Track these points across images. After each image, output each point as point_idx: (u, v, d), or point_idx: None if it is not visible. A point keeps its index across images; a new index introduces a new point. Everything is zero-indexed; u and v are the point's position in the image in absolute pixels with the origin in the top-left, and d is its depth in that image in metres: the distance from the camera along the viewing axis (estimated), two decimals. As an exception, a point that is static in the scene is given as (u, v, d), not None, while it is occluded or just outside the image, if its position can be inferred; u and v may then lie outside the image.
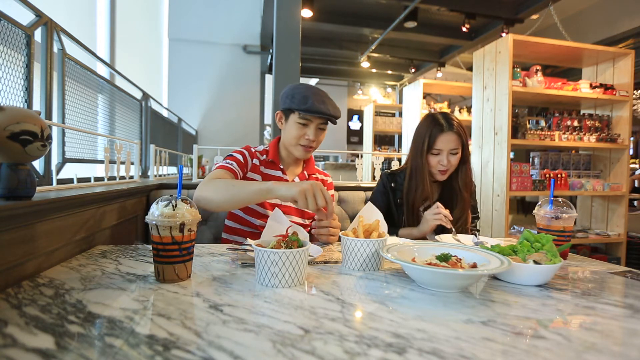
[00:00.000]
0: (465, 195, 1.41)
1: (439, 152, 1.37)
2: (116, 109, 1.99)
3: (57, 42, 1.21)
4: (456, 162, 1.38)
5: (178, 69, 6.14)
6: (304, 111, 1.19)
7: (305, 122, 1.23)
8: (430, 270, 0.69)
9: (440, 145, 1.36)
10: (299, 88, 1.24)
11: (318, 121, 1.24)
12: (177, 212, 0.71)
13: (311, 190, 0.94)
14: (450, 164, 1.37)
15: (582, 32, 5.30)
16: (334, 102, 1.26)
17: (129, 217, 1.36)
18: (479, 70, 3.09)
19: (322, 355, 0.45)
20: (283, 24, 2.76)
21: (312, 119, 1.22)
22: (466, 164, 1.42)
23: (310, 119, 1.22)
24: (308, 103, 1.19)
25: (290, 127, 1.25)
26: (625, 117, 3.06)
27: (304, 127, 1.24)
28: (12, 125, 0.69)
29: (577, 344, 0.51)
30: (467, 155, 1.40)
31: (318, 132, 1.26)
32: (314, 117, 1.22)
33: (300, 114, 1.21)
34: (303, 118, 1.22)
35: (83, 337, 0.48)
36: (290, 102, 1.22)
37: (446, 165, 1.36)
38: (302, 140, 1.25)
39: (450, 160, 1.36)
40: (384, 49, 6.13)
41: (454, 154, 1.37)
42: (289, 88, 1.26)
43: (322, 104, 1.20)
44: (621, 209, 3.08)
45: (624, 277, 0.87)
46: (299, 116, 1.22)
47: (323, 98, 1.22)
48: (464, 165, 1.41)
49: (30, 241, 0.75)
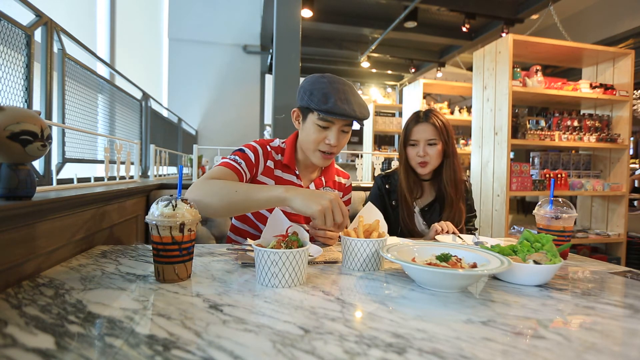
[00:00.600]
0: (450, 191, 1.39)
1: (415, 143, 1.38)
2: (116, 109, 1.99)
3: (57, 42, 1.21)
4: (435, 154, 1.37)
5: (178, 69, 6.14)
6: (324, 112, 1.02)
7: (326, 124, 1.06)
8: (430, 270, 0.69)
9: (416, 136, 1.38)
10: (319, 83, 1.06)
11: (341, 123, 1.07)
12: (177, 212, 0.71)
13: (330, 208, 0.84)
14: (428, 155, 1.36)
15: (582, 32, 5.29)
16: (360, 99, 1.08)
17: (129, 217, 1.36)
18: (479, 70, 3.09)
19: (322, 355, 0.45)
20: (283, 24, 2.76)
21: (335, 121, 1.06)
22: (450, 159, 1.40)
23: (332, 120, 1.05)
24: (329, 102, 1.02)
25: (308, 128, 1.09)
26: (625, 117, 3.06)
27: (325, 130, 1.07)
28: (12, 125, 0.69)
29: (577, 344, 0.51)
30: (450, 151, 1.39)
31: (341, 135, 1.09)
32: (336, 119, 1.05)
33: (320, 114, 1.04)
34: (323, 120, 1.05)
35: (83, 337, 0.48)
36: (309, 100, 1.05)
37: (423, 157, 1.36)
38: (321, 145, 1.09)
39: (427, 151, 1.36)
40: (384, 49, 6.13)
41: (431, 145, 1.37)
42: (307, 82, 1.09)
43: (346, 104, 1.03)
44: (621, 209, 3.08)
45: (624, 277, 0.87)
46: (318, 117, 1.05)
47: (347, 96, 1.05)
48: (448, 159, 1.40)
49: (30, 241, 0.75)
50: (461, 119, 4.79)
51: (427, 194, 1.47)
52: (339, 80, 1.08)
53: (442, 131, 1.37)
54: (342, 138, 1.11)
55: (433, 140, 1.36)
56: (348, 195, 1.39)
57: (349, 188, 1.38)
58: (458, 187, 1.41)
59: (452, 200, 1.39)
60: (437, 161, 1.39)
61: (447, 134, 1.38)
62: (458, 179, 1.41)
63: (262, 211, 1.15)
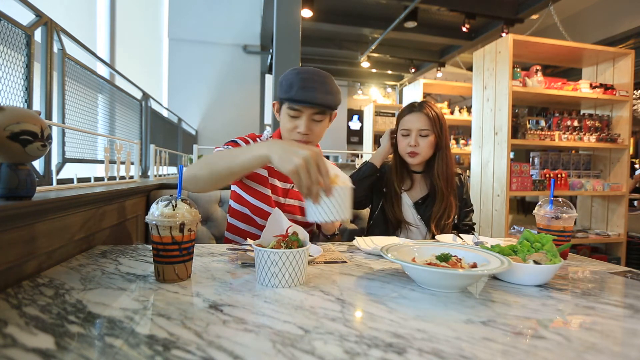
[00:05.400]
0: (442, 185, 1.37)
1: (407, 133, 1.37)
2: (116, 109, 1.99)
3: (57, 42, 1.21)
4: (426, 145, 1.35)
5: (178, 69, 6.14)
6: (287, 100, 1.07)
7: (295, 113, 1.09)
8: (430, 270, 0.69)
9: (408, 125, 1.36)
10: (290, 74, 1.10)
11: (309, 111, 1.09)
12: (177, 212, 0.71)
13: (305, 167, 0.77)
14: (419, 146, 1.35)
15: (582, 32, 5.30)
16: (329, 88, 1.10)
17: (129, 217, 1.35)
18: (479, 70, 3.09)
19: (322, 355, 0.45)
20: (283, 24, 2.76)
21: (302, 109, 1.09)
22: (442, 152, 1.38)
23: (299, 109, 1.08)
24: (292, 91, 1.06)
25: (282, 118, 1.14)
26: (625, 117, 3.06)
27: (295, 119, 1.11)
28: (12, 125, 0.69)
29: (577, 344, 0.51)
30: (443, 144, 1.38)
31: (312, 124, 1.11)
32: (303, 107, 1.08)
33: (287, 103, 1.09)
34: (291, 109, 1.09)
35: (83, 337, 0.48)
36: (279, 91, 1.11)
37: (413, 147, 1.35)
38: (293, 134, 1.12)
39: (418, 141, 1.35)
40: (384, 49, 6.14)
41: (423, 136, 1.35)
42: (282, 75, 1.14)
43: (309, 91, 1.05)
44: (621, 209, 3.08)
45: (624, 277, 0.87)
46: (287, 106, 1.10)
47: (313, 84, 1.07)
48: (440, 152, 1.38)
49: (30, 241, 0.75)
50: (461, 119, 4.80)
51: (419, 187, 1.45)
52: (309, 70, 1.10)
53: (435, 122, 1.35)
54: (315, 126, 1.12)
55: (425, 131, 1.34)
56: None
57: None
58: (450, 181, 1.39)
59: (443, 193, 1.37)
60: (428, 153, 1.37)
61: (441, 126, 1.36)
62: (450, 173, 1.39)
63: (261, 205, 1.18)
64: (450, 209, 1.38)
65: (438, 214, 1.36)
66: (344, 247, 1.11)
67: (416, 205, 1.41)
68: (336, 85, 1.14)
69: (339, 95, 1.13)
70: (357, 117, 10.63)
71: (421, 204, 1.41)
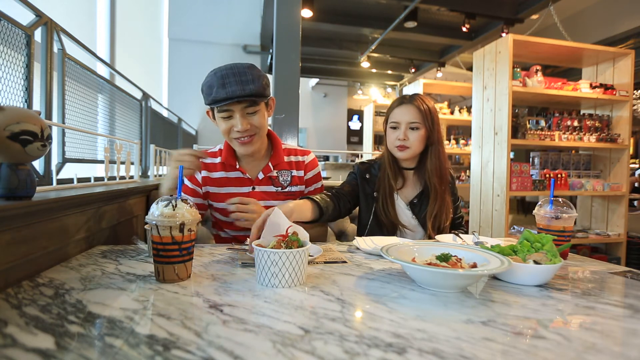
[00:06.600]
0: (435, 182, 1.31)
1: (397, 126, 1.31)
2: (116, 109, 1.99)
3: (57, 42, 1.21)
4: (416, 139, 1.29)
5: (178, 69, 6.14)
6: (213, 104, 1.06)
7: (226, 114, 1.07)
8: (430, 270, 0.69)
9: (397, 117, 1.30)
10: (208, 76, 1.07)
11: (238, 106, 1.06)
12: (177, 212, 0.71)
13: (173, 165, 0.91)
14: (408, 139, 1.29)
15: (582, 32, 5.30)
16: (251, 76, 1.05)
17: (129, 217, 1.36)
18: (479, 70, 3.09)
19: (322, 355, 0.45)
20: (283, 24, 2.76)
21: (229, 107, 1.06)
22: (435, 147, 1.32)
23: (227, 108, 1.06)
24: (212, 93, 1.04)
25: (218, 123, 1.12)
26: (625, 117, 3.06)
27: (229, 119, 1.08)
28: (12, 125, 0.69)
29: (577, 344, 0.51)
30: (435, 139, 1.32)
31: (247, 118, 1.08)
32: (229, 105, 1.05)
33: (215, 107, 1.07)
34: (220, 110, 1.07)
35: (83, 337, 0.48)
36: (204, 97, 1.08)
37: (403, 140, 1.29)
38: (232, 133, 1.10)
39: (407, 135, 1.28)
40: (384, 49, 6.13)
41: (413, 130, 1.29)
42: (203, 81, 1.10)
43: (229, 87, 1.03)
44: (621, 209, 3.08)
45: (624, 277, 0.87)
46: (217, 110, 1.08)
47: (228, 79, 1.03)
48: (432, 147, 1.32)
49: (30, 241, 0.75)
50: (461, 119, 4.80)
51: (412, 185, 1.38)
52: (226, 66, 1.07)
53: (426, 116, 1.28)
54: (252, 119, 1.10)
55: (415, 124, 1.28)
56: (313, 171, 1.34)
57: (312, 163, 1.34)
58: (444, 178, 1.33)
59: (437, 191, 1.31)
60: (419, 147, 1.31)
61: (432, 120, 1.29)
62: (443, 169, 1.33)
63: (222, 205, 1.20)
64: (447, 209, 1.33)
65: (433, 212, 1.31)
66: (344, 247, 1.11)
67: (411, 205, 1.35)
68: (259, 71, 1.09)
69: (263, 80, 1.08)
70: (357, 117, 10.63)
71: (416, 203, 1.35)
